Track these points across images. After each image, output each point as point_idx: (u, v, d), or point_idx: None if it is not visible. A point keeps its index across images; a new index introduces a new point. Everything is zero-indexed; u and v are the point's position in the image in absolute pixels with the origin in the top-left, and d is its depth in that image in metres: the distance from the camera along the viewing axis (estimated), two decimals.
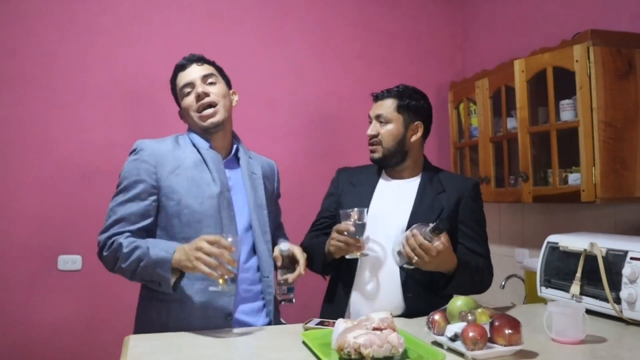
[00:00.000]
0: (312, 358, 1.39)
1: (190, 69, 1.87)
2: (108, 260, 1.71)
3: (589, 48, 2.18)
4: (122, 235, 1.70)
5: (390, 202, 1.98)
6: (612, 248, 1.79)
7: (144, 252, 1.64)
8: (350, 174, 2.14)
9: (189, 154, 1.82)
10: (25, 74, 2.88)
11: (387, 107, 1.99)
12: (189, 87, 1.85)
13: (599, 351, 1.46)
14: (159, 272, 1.61)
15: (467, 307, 1.49)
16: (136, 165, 1.77)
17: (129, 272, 1.67)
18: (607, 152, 2.17)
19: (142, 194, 1.74)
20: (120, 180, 1.79)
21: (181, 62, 1.91)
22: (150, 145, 1.80)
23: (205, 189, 1.76)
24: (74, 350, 2.87)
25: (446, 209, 1.93)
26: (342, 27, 3.39)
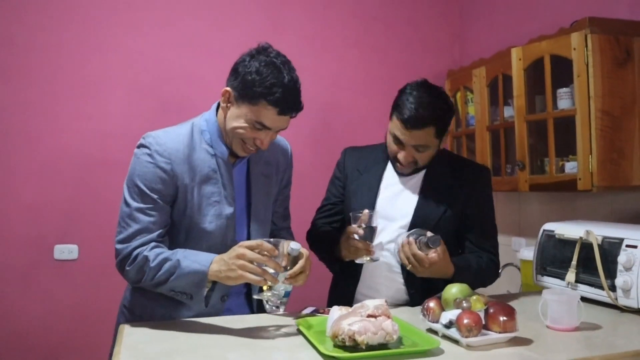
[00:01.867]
0: (307, 345, 1.39)
1: (283, 118, 1.59)
2: (131, 274, 1.58)
3: (587, 36, 2.17)
4: (146, 247, 1.56)
5: (395, 193, 1.93)
6: (608, 236, 1.79)
7: (174, 265, 1.52)
8: (356, 157, 2.04)
9: (204, 160, 1.64)
10: (21, 63, 2.87)
11: (427, 136, 1.79)
12: (262, 127, 1.58)
13: (594, 338, 1.46)
14: (192, 287, 1.51)
15: (462, 294, 1.50)
16: (152, 169, 1.59)
17: (155, 286, 1.56)
18: (604, 141, 2.17)
19: (161, 201, 1.60)
20: (134, 180, 1.60)
21: (284, 104, 1.56)
22: (165, 147, 1.60)
23: (215, 207, 1.64)
24: (70, 339, 2.88)
25: (453, 203, 1.88)
26: (339, 16, 3.37)
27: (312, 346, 1.35)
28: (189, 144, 1.64)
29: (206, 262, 1.51)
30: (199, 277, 1.51)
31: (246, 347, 1.40)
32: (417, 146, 1.81)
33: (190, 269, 1.51)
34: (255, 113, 1.56)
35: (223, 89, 1.62)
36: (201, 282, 1.51)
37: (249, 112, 1.57)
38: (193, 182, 1.62)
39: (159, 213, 1.60)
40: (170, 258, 1.54)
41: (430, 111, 1.77)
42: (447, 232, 1.84)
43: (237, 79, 1.58)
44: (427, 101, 1.77)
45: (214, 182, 1.65)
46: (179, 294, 1.56)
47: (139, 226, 1.58)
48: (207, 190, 1.64)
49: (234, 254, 1.47)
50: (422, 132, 1.78)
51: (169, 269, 1.53)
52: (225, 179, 1.66)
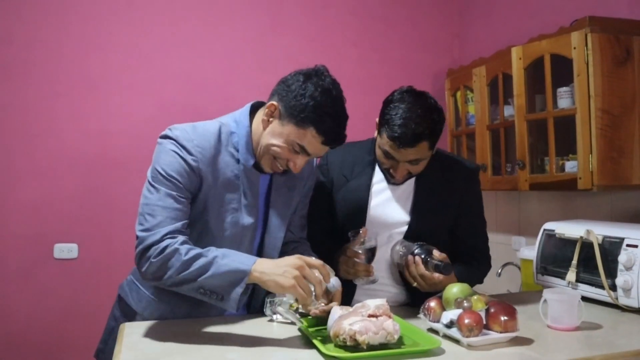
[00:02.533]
0: (308, 345, 1.38)
1: (325, 148, 1.55)
2: (154, 267, 1.43)
3: (587, 35, 2.17)
4: (176, 240, 1.44)
5: (388, 199, 1.84)
6: (609, 235, 1.79)
7: (209, 262, 1.41)
8: (339, 158, 1.90)
9: (228, 164, 1.57)
10: (22, 62, 2.87)
11: (422, 151, 1.70)
12: (301, 151, 1.53)
13: (594, 338, 1.46)
14: (228, 287, 1.40)
15: (462, 294, 1.50)
16: (179, 162, 1.51)
17: (182, 282, 1.43)
18: (604, 140, 2.17)
19: (187, 191, 1.52)
20: (159, 168, 1.51)
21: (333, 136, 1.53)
22: (193, 144, 1.52)
23: (233, 214, 1.57)
24: (70, 337, 2.88)
25: (447, 206, 1.83)
26: (339, 15, 3.37)
27: (313, 346, 1.35)
28: (216, 145, 1.56)
29: (249, 260, 1.42)
30: (238, 276, 1.39)
31: (246, 346, 1.40)
32: (411, 161, 1.72)
33: (229, 268, 1.40)
34: (299, 136, 1.50)
35: (269, 102, 1.56)
36: (238, 282, 1.39)
37: (292, 133, 1.50)
38: (215, 184, 1.55)
39: (183, 204, 1.51)
40: (204, 255, 1.43)
41: (423, 125, 1.65)
42: (442, 236, 1.84)
43: (289, 97, 1.52)
44: (417, 114, 1.65)
45: (235, 188, 1.58)
46: (207, 293, 1.43)
47: (167, 214, 1.47)
48: (227, 195, 1.57)
49: (290, 261, 1.39)
50: (416, 148, 1.67)
51: (203, 265, 1.41)
52: (246, 187, 1.59)
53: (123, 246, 2.78)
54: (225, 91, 3.11)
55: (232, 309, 1.41)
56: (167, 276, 1.42)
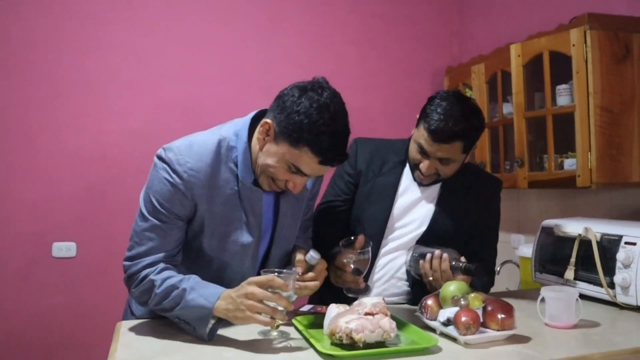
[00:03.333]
0: (304, 344, 1.38)
1: (324, 168, 1.46)
2: (137, 295, 1.50)
3: (586, 32, 2.16)
4: (154, 269, 1.46)
5: (411, 203, 1.85)
6: (607, 233, 1.79)
7: (179, 295, 1.42)
8: (370, 154, 1.90)
9: (228, 181, 1.51)
10: (21, 61, 2.86)
11: (454, 150, 1.71)
12: (297, 172, 1.46)
13: (592, 335, 1.46)
14: (195, 320, 1.41)
15: (460, 292, 1.49)
16: (170, 190, 1.46)
17: (159, 311, 1.48)
18: (603, 137, 2.16)
19: (177, 220, 1.49)
20: (150, 195, 1.48)
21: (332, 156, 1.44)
22: (186, 168, 1.46)
23: (232, 234, 1.54)
24: (68, 336, 2.88)
25: (469, 215, 1.84)
26: (337, 13, 3.36)
27: (310, 344, 1.35)
28: (213, 163, 1.49)
29: (213, 297, 1.40)
30: (203, 313, 1.40)
31: (242, 345, 1.39)
32: (442, 159, 1.73)
33: (195, 303, 1.41)
34: (294, 157, 1.43)
35: (264, 119, 1.48)
36: (205, 318, 1.40)
37: (287, 153, 1.43)
38: (213, 205, 1.50)
39: (174, 232, 1.50)
40: (177, 286, 1.43)
41: (461, 126, 1.67)
42: (459, 244, 1.79)
43: (282, 115, 1.43)
44: (457, 114, 1.67)
45: (235, 206, 1.52)
46: (182, 323, 1.46)
47: (151, 244, 1.48)
48: (227, 214, 1.52)
49: (242, 292, 1.36)
50: (449, 146, 1.69)
51: (175, 297, 1.43)
52: (246, 203, 1.53)
53: (121, 245, 2.74)
54: (225, 90, 3.10)
55: (205, 340, 1.41)
56: (148, 303, 1.48)
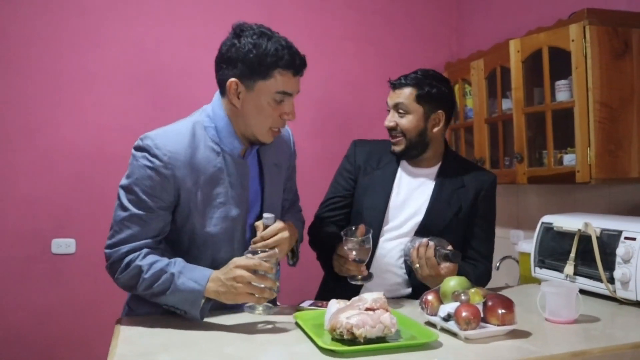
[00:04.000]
0: (305, 339, 1.38)
1: (298, 77, 1.55)
2: (123, 282, 1.53)
3: (585, 27, 2.16)
4: (139, 255, 1.50)
5: (408, 193, 1.93)
6: (607, 228, 1.79)
7: (169, 279, 1.47)
8: (368, 151, 2.01)
9: (209, 159, 1.56)
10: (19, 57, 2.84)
11: (405, 96, 1.86)
12: (284, 97, 1.53)
13: (592, 330, 1.46)
14: (186, 305, 1.48)
15: (460, 287, 1.49)
16: (150, 175, 1.50)
17: (149, 297, 1.52)
18: (602, 133, 2.16)
19: (160, 209, 1.53)
20: (131, 184, 1.52)
21: (297, 62, 1.52)
22: (165, 151, 1.50)
23: (220, 209, 1.57)
24: (68, 333, 2.87)
25: (464, 206, 1.89)
26: (336, 9, 3.35)
27: (310, 339, 1.35)
28: (191, 144, 1.54)
29: (202, 280, 1.47)
30: (194, 296, 1.47)
31: (243, 340, 1.39)
32: (397, 106, 1.87)
33: (185, 287, 1.47)
34: (272, 85, 1.50)
35: (227, 83, 1.52)
36: (196, 301, 1.47)
37: (266, 87, 1.50)
38: (197, 185, 1.54)
39: (156, 221, 1.53)
40: (165, 270, 1.48)
41: (413, 74, 1.88)
42: (455, 235, 1.86)
43: (237, 66, 1.51)
44: (418, 71, 1.89)
45: (220, 182, 1.57)
46: (172, 309, 1.52)
47: (132, 232, 1.52)
48: (212, 192, 1.56)
49: (231, 275, 1.44)
50: (401, 91, 1.87)
51: (164, 282, 1.48)
52: (233, 177, 1.58)
53: None
54: None
55: (196, 321, 1.49)
56: (136, 290, 1.53)
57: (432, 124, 1.88)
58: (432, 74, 1.90)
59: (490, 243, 1.97)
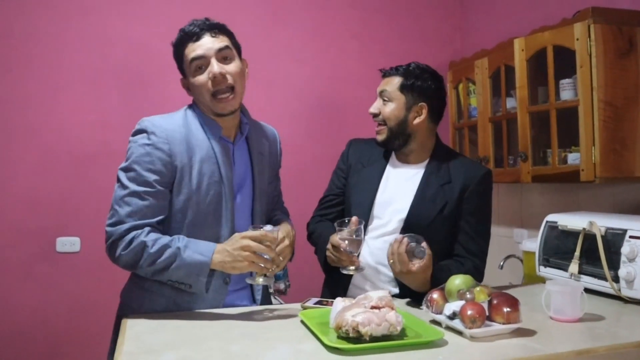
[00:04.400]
0: (311, 337, 1.39)
1: (203, 40, 1.63)
2: (126, 260, 1.55)
3: (590, 26, 2.16)
4: (142, 232, 1.54)
5: (394, 191, 1.92)
6: (611, 227, 1.79)
7: (174, 252, 1.51)
8: (361, 150, 2.04)
9: (201, 142, 1.65)
10: (22, 55, 2.85)
11: (391, 84, 1.90)
12: (200, 62, 1.63)
13: (597, 329, 1.46)
14: (193, 277, 1.52)
15: (465, 285, 1.49)
16: (149, 151, 1.58)
17: (154, 273, 1.55)
18: (606, 132, 2.16)
19: (159, 185, 1.58)
20: (130, 164, 1.59)
21: (192, 28, 1.64)
22: (162, 128, 1.60)
23: (212, 186, 1.64)
24: (73, 331, 2.88)
25: (449, 203, 1.85)
26: (340, 7, 3.35)
27: (316, 337, 1.35)
28: (185, 125, 1.66)
29: (208, 252, 1.52)
30: (200, 268, 1.52)
31: (249, 338, 1.40)
32: (382, 93, 1.90)
33: (192, 259, 1.52)
34: (188, 58, 1.64)
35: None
36: (202, 273, 1.52)
37: (186, 68, 1.67)
38: (192, 162, 1.62)
39: (156, 198, 1.58)
40: (169, 245, 1.53)
41: (407, 66, 1.90)
42: (441, 232, 1.84)
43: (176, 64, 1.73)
44: (412, 63, 1.92)
45: (212, 161, 1.65)
46: (176, 284, 1.56)
47: (132, 209, 1.56)
48: (207, 169, 1.64)
49: (238, 245, 1.49)
50: (389, 79, 1.91)
51: (170, 256, 1.52)
52: (220, 157, 1.66)
53: None
54: None
55: (201, 293, 1.56)
56: (138, 267, 1.55)
57: (413, 115, 1.88)
58: (424, 68, 1.92)
59: (480, 240, 1.89)
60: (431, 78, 1.90)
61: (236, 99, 1.67)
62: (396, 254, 1.67)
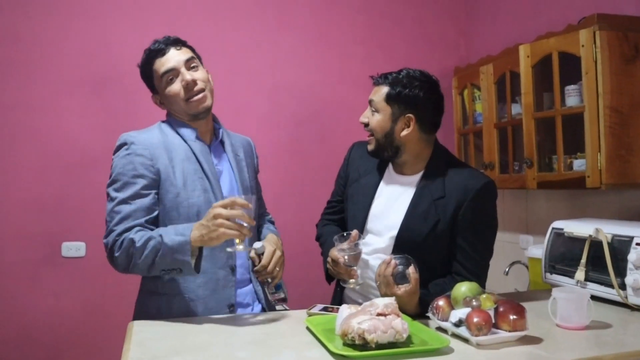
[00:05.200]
0: (316, 344, 1.39)
1: (169, 54, 1.77)
2: (121, 261, 1.61)
3: (595, 32, 2.15)
4: (131, 231, 1.62)
5: (387, 203, 1.84)
6: (618, 234, 1.78)
7: (158, 242, 1.56)
8: (360, 157, 1.97)
9: (178, 146, 1.76)
10: (28, 60, 2.87)
11: (379, 94, 1.79)
12: (171, 74, 1.76)
13: (604, 337, 1.45)
14: (179, 258, 1.55)
15: (471, 292, 1.49)
16: (131, 159, 1.68)
17: (146, 267, 1.59)
18: (612, 138, 2.15)
19: (144, 189, 1.67)
20: (115, 177, 1.69)
21: (157, 46, 1.79)
22: (140, 138, 1.73)
23: (198, 182, 1.73)
24: (78, 336, 2.89)
25: (442, 220, 1.73)
26: (344, 12, 3.36)
27: (322, 344, 1.35)
28: (160, 133, 1.78)
29: (187, 230, 1.56)
30: (182, 247, 1.54)
31: (255, 345, 1.40)
32: (371, 103, 1.82)
33: (173, 242, 1.55)
34: (159, 72, 1.77)
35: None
36: (186, 252, 1.54)
37: (158, 79, 1.78)
38: (173, 162, 1.72)
39: (143, 200, 1.66)
40: (153, 236, 1.58)
41: (397, 74, 1.78)
42: (436, 250, 1.75)
43: (145, 84, 1.87)
44: (403, 70, 1.80)
45: (192, 160, 1.75)
46: (169, 272, 1.59)
47: (122, 215, 1.63)
48: (189, 167, 1.74)
49: (210, 215, 1.52)
50: (379, 88, 1.81)
51: (155, 246, 1.56)
52: (199, 157, 1.76)
53: None
54: (231, 90, 3.10)
55: (192, 274, 1.59)
56: (132, 264, 1.60)
57: (400, 127, 1.76)
58: (415, 75, 1.77)
59: (479, 257, 1.75)
60: (420, 87, 1.75)
61: (208, 97, 1.80)
62: (382, 276, 1.61)
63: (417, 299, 1.62)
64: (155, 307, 1.71)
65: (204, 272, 1.67)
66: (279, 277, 1.73)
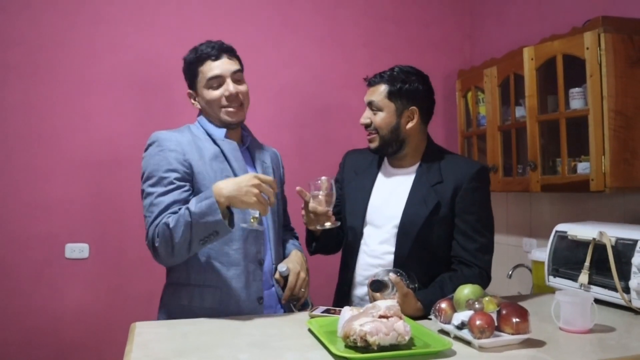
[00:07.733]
0: (318, 346, 1.38)
1: (221, 60, 1.83)
2: (163, 247, 1.64)
3: (600, 35, 2.15)
4: (164, 217, 1.66)
5: (386, 195, 1.92)
6: (622, 237, 1.78)
7: (187, 214, 1.59)
8: (355, 159, 2.07)
9: (208, 145, 1.81)
10: (30, 62, 2.87)
11: (378, 93, 1.88)
12: (218, 81, 1.82)
13: (608, 340, 1.45)
14: (210, 220, 1.57)
15: (474, 295, 1.49)
16: (164, 155, 1.74)
17: (186, 243, 1.61)
18: (617, 141, 2.15)
19: (180, 181, 1.72)
20: (149, 174, 1.74)
21: (211, 50, 1.84)
22: (171, 136, 1.79)
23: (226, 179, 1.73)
24: (82, 338, 2.89)
25: (442, 203, 1.82)
26: (348, 15, 3.36)
27: (324, 346, 1.35)
28: (190, 134, 1.84)
29: (208, 193, 1.60)
30: (210, 208, 1.57)
31: (257, 347, 1.40)
32: (371, 104, 1.89)
33: (201, 207, 1.58)
34: (204, 77, 1.82)
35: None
36: (215, 212, 1.56)
37: (202, 80, 1.83)
38: (203, 160, 1.77)
39: (180, 191, 1.70)
40: (182, 213, 1.62)
41: (391, 72, 1.88)
42: (438, 234, 1.83)
43: (185, 78, 1.91)
44: (395, 67, 1.90)
45: (222, 160, 1.80)
46: (205, 240, 1.61)
47: (160, 208, 1.67)
48: (217, 166, 1.78)
49: (250, 182, 1.57)
50: (375, 88, 1.89)
51: (185, 220, 1.59)
52: (229, 155, 1.81)
53: (134, 246, 2.79)
54: None
55: (229, 231, 1.62)
56: (173, 247, 1.62)
57: (405, 120, 1.87)
58: (408, 70, 1.90)
59: (480, 238, 1.81)
60: (418, 80, 1.88)
61: (243, 111, 1.87)
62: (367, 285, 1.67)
63: (413, 301, 1.65)
64: (188, 298, 1.74)
65: (237, 264, 1.73)
66: (304, 297, 1.80)
